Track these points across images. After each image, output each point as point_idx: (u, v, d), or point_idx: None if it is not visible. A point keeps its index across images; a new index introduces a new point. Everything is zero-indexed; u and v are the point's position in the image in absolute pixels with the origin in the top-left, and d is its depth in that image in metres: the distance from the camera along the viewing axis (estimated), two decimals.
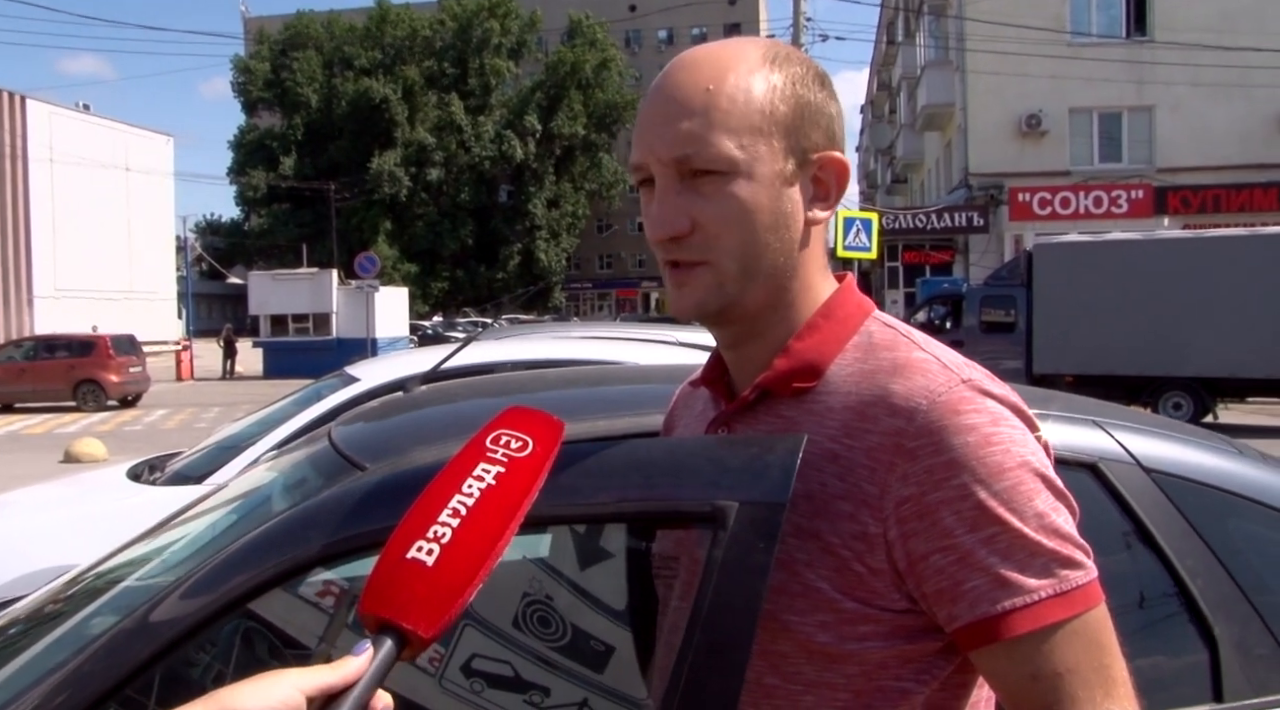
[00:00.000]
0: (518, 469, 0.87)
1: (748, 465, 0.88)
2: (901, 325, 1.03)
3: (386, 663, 0.78)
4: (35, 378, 21.74)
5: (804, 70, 1.00)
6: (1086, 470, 1.67)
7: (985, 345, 16.21)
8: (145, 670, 1.23)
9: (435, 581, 0.79)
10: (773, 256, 0.98)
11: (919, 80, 29.72)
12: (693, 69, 0.98)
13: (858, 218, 16.90)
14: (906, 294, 26.52)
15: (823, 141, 1.00)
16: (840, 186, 1.02)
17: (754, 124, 0.95)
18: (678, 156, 0.95)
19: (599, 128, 61.11)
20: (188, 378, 29.78)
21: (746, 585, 0.81)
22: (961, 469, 0.88)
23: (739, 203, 0.95)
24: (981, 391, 0.93)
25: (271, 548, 1.09)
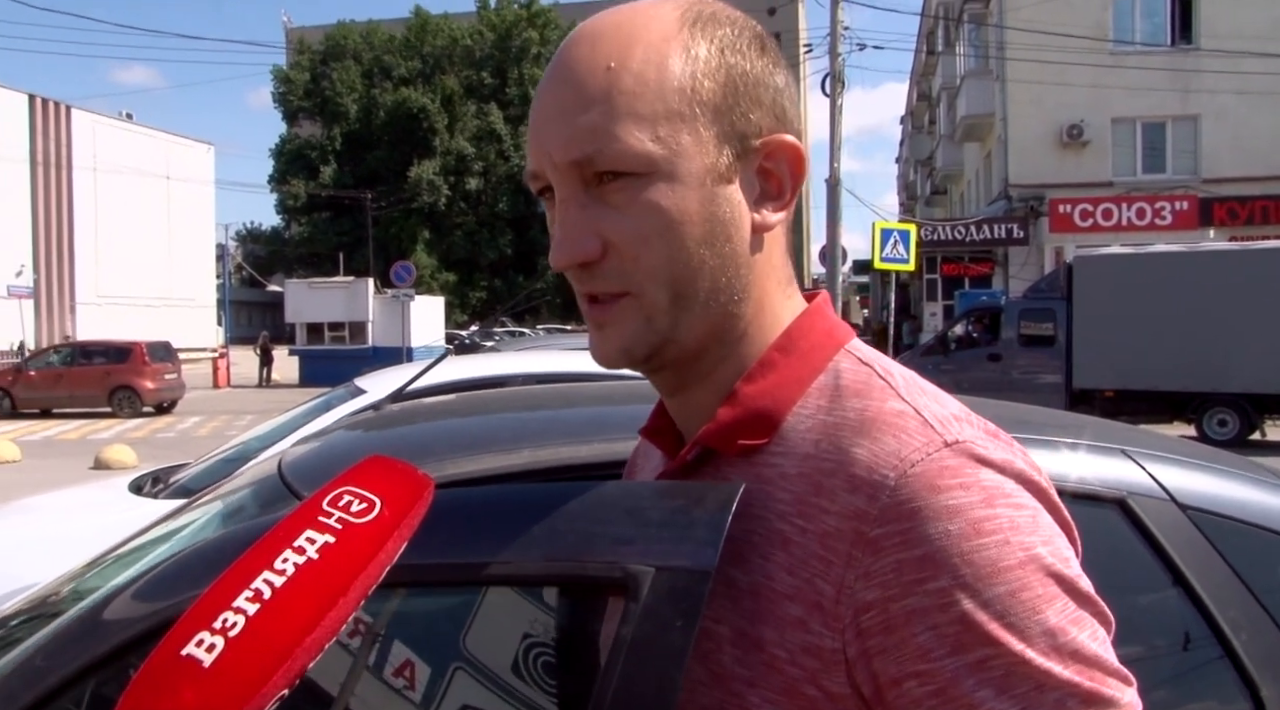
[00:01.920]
0: (353, 539, 0.66)
1: (670, 520, 0.71)
2: (881, 362, 0.79)
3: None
4: (72, 383, 21.98)
5: (735, 32, 0.76)
6: (1113, 506, 1.50)
7: (1024, 359, 15.93)
8: (88, 675, 1.11)
9: (208, 688, 0.59)
10: (711, 276, 0.75)
11: (958, 90, 29.38)
12: (592, 43, 0.74)
13: (896, 229, 16.73)
14: (945, 307, 26.17)
15: (767, 123, 0.76)
16: (795, 178, 0.78)
17: (672, 108, 0.73)
18: (577, 158, 0.73)
19: None
20: (224, 385, 30.02)
21: (658, 672, 0.64)
22: (940, 568, 0.65)
23: (660, 212, 0.73)
24: (973, 458, 0.69)
25: (149, 598, 0.95)
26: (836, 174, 18.14)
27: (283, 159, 60.00)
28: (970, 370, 16.18)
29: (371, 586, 0.66)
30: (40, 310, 39.13)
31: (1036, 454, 1.55)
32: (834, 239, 18.15)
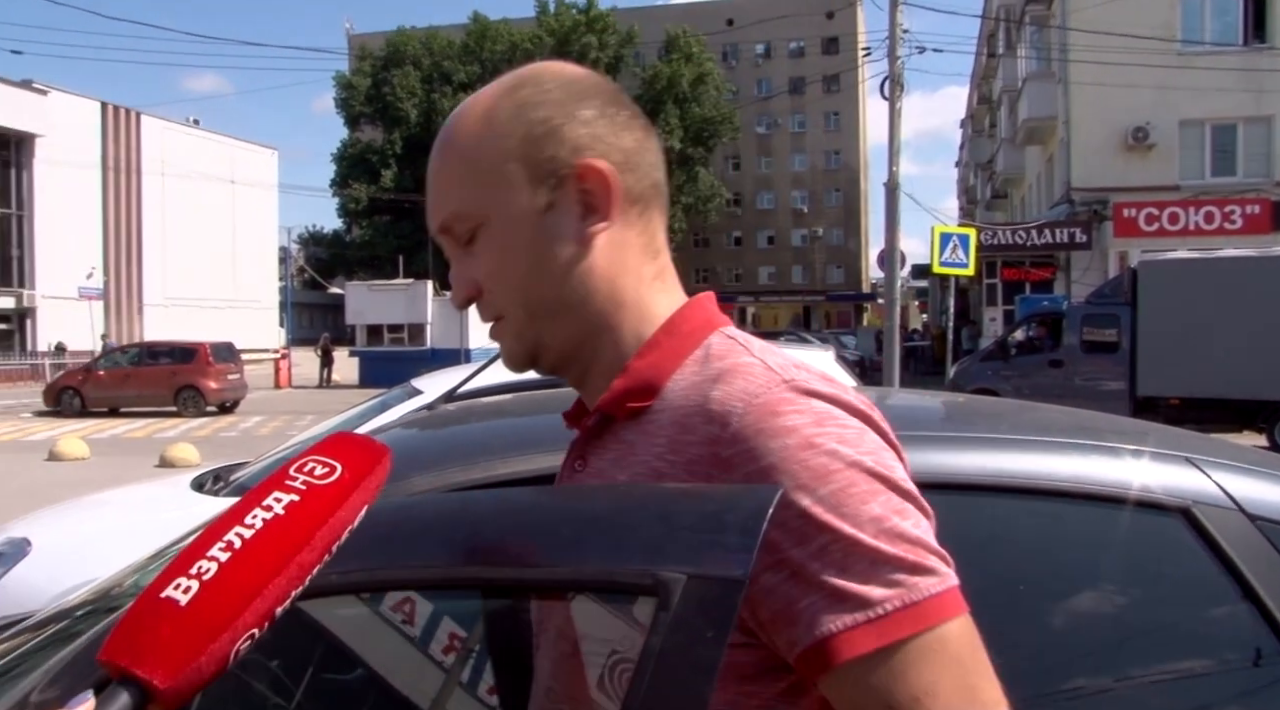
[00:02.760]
0: (315, 497, 0.73)
1: (701, 525, 0.70)
2: (743, 335, 0.95)
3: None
4: (139, 383, 22.49)
5: (536, 90, 0.93)
6: (1178, 515, 1.46)
7: (1086, 366, 15.62)
8: None
9: (184, 623, 0.65)
10: (553, 290, 0.92)
11: (1020, 93, 28.93)
12: (444, 131, 0.96)
13: (955, 233, 16.50)
14: (1005, 311, 25.77)
15: (569, 155, 0.91)
16: (608, 192, 0.92)
17: (485, 169, 0.91)
18: (439, 227, 0.95)
19: (695, 142, 61.00)
20: (286, 385, 30.51)
21: (687, 685, 0.63)
22: (781, 474, 0.78)
23: (500, 252, 0.92)
24: (806, 392, 0.84)
25: None
26: (895, 178, 17.95)
27: (344, 163, 60.89)
28: (1031, 376, 15.92)
29: (334, 539, 0.73)
30: (110, 312, 40.09)
31: (1097, 460, 1.52)
32: (892, 243, 17.96)
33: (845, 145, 78.47)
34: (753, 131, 75.86)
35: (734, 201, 75.38)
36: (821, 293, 76.29)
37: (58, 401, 22.47)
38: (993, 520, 1.52)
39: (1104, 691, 1.49)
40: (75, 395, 22.42)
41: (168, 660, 0.65)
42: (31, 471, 12.84)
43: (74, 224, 38.43)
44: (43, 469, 13.25)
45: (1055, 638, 1.52)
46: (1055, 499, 1.48)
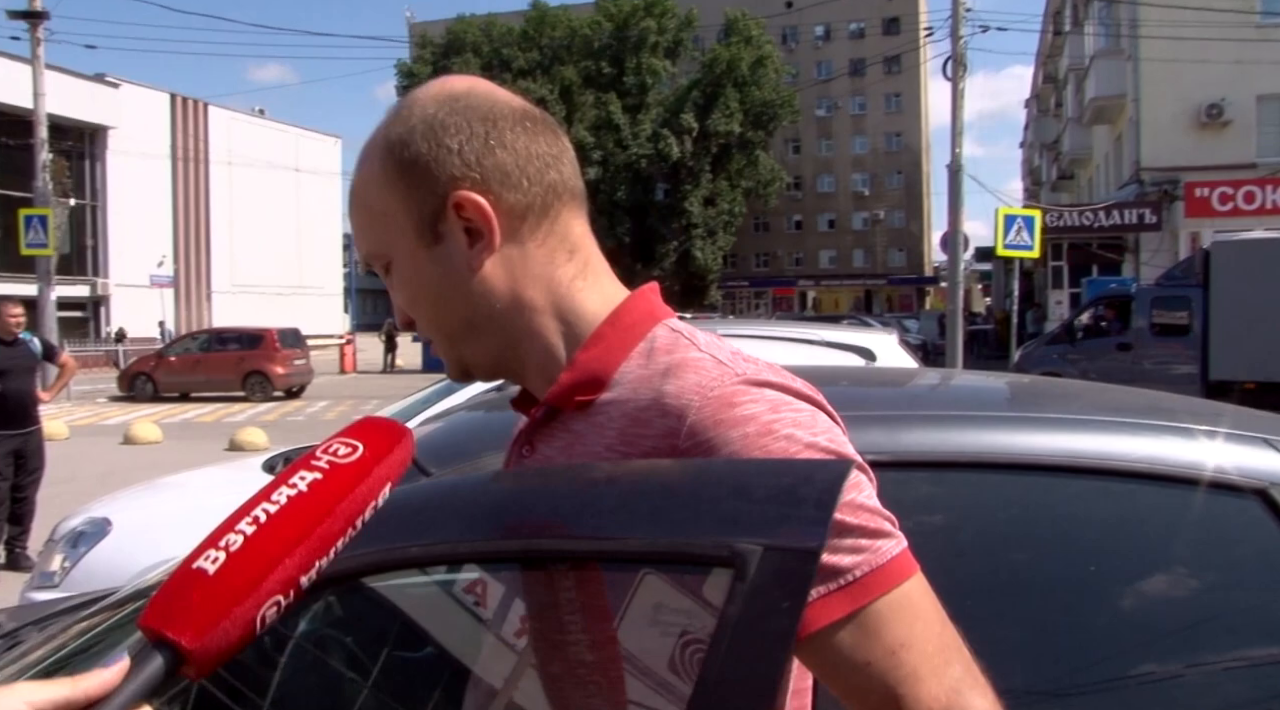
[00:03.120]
0: (337, 474, 0.79)
1: (777, 498, 0.72)
2: (688, 329, 0.99)
3: (155, 678, 0.70)
4: (208, 369, 22.99)
5: (405, 128, 0.97)
6: (1254, 497, 1.43)
7: (1156, 349, 15.29)
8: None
9: (212, 590, 0.72)
10: (455, 316, 0.98)
11: (1087, 71, 28.27)
12: (352, 180, 1.02)
13: (1020, 215, 16.21)
14: (1071, 294, 25.28)
15: (442, 190, 0.95)
16: (486, 219, 0.95)
17: (376, 213, 0.98)
18: (364, 262, 1.04)
19: (755, 125, 60.56)
20: (350, 370, 30.98)
21: (764, 652, 0.64)
22: (723, 452, 0.84)
23: (405, 284, 0.99)
24: (758, 383, 0.88)
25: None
26: (958, 160, 17.68)
27: None
28: (1098, 360, 15.62)
29: (357, 513, 0.79)
30: (179, 299, 41.00)
31: (1170, 441, 1.50)
32: (955, 226, 17.72)
33: (907, 127, 77.38)
34: (813, 114, 75.10)
35: (794, 185, 74.75)
36: (883, 276, 75.45)
37: (131, 387, 23.06)
38: (1065, 501, 1.51)
39: (1175, 677, 1.47)
40: (148, 381, 22.99)
41: (196, 623, 0.71)
42: (108, 455, 13.22)
43: (145, 213, 39.30)
44: (118, 452, 13.63)
45: (1126, 621, 1.51)
46: (1129, 480, 1.47)
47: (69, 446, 13.39)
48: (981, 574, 1.46)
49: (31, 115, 18.64)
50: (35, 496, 7.39)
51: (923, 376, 2.50)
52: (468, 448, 1.40)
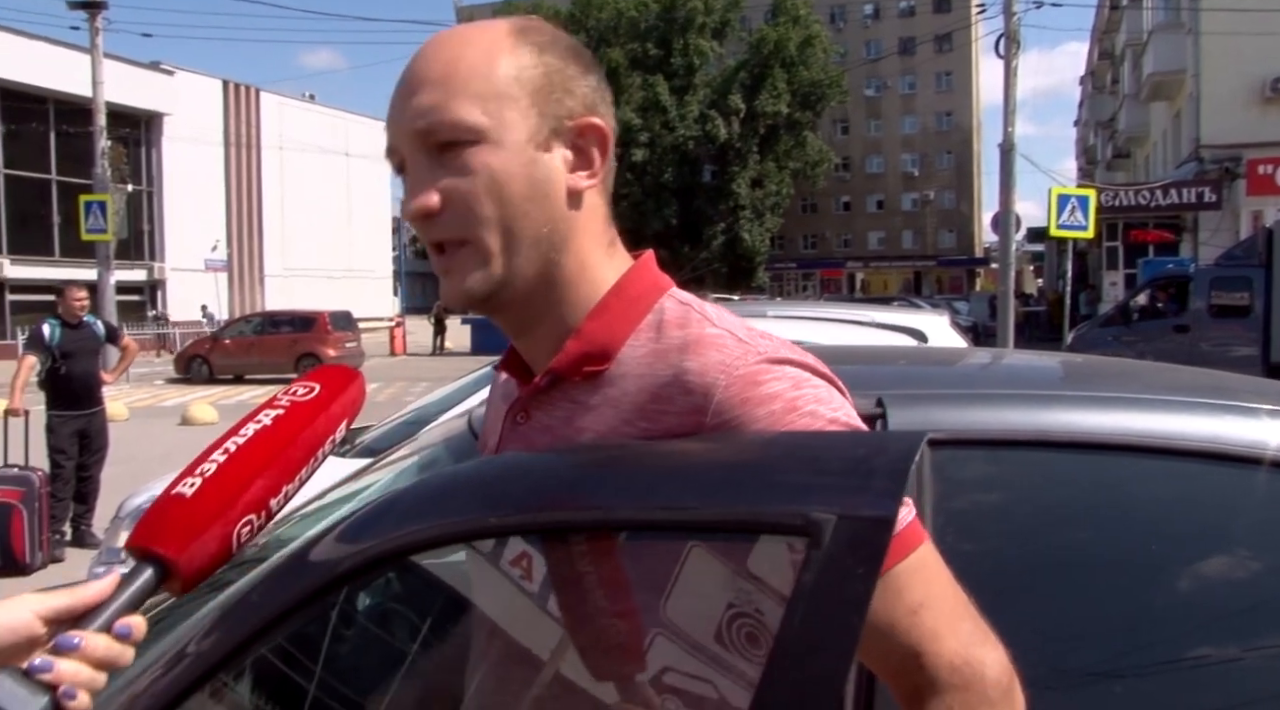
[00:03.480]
0: (296, 411, 0.91)
1: (851, 469, 0.74)
2: (696, 301, 0.99)
3: (144, 589, 0.81)
4: (262, 351, 23.37)
5: (552, 40, 0.97)
6: None
7: (1215, 331, 15.00)
8: (292, 616, 1.19)
9: (190, 510, 0.83)
10: (534, 226, 0.93)
11: (1145, 46, 27.67)
12: (436, 46, 0.95)
13: (1074, 195, 15.94)
14: (1126, 276, 24.84)
15: (579, 109, 0.96)
16: (603, 153, 0.97)
17: (498, 90, 0.92)
18: (420, 128, 0.92)
19: (803, 106, 60.07)
20: (400, 352, 31.32)
21: (839, 618, 0.67)
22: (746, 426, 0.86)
23: (489, 172, 0.91)
24: (779, 360, 0.90)
25: (350, 540, 1.01)
26: (1010, 138, 17.42)
27: None
28: (1154, 342, 15.36)
29: (317, 444, 0.91)
30: (232, 283, 41.65)
31: (1233, 421, 1.48)
32: (1007, 206, 17.48)
33: (958, 106, 76.29)
34: (861, 94, 74.30)
35: (842, 166, 74.09)
36: (932, 257, 74.62)
37: (187, 369, 23.52)
38: (1125, 480, 1.50)
39: (1234, 660, 1.46)
40: (203, 363, 23.43)
41: (178, 539, 0.82)
42: (166, 435, 13.51)
43: (199, 198, 39.92)
44: (176, 433, 13.93)
45: (1185, 602, 1.50)
46: (1190, 459, 1.46)
47: (128, 427, 13.70)
48: (1040, 553, 1.46)
49: (90, 103, 18.99)
50: (100, 475, 7.58)
51: (978, 356, 2.49)
52: None
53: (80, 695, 0.75)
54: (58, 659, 0.76)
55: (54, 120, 34.12)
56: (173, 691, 1.13)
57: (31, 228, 34.22)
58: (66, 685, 0.75)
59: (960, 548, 1.24)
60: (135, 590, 0.81)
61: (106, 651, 0.78)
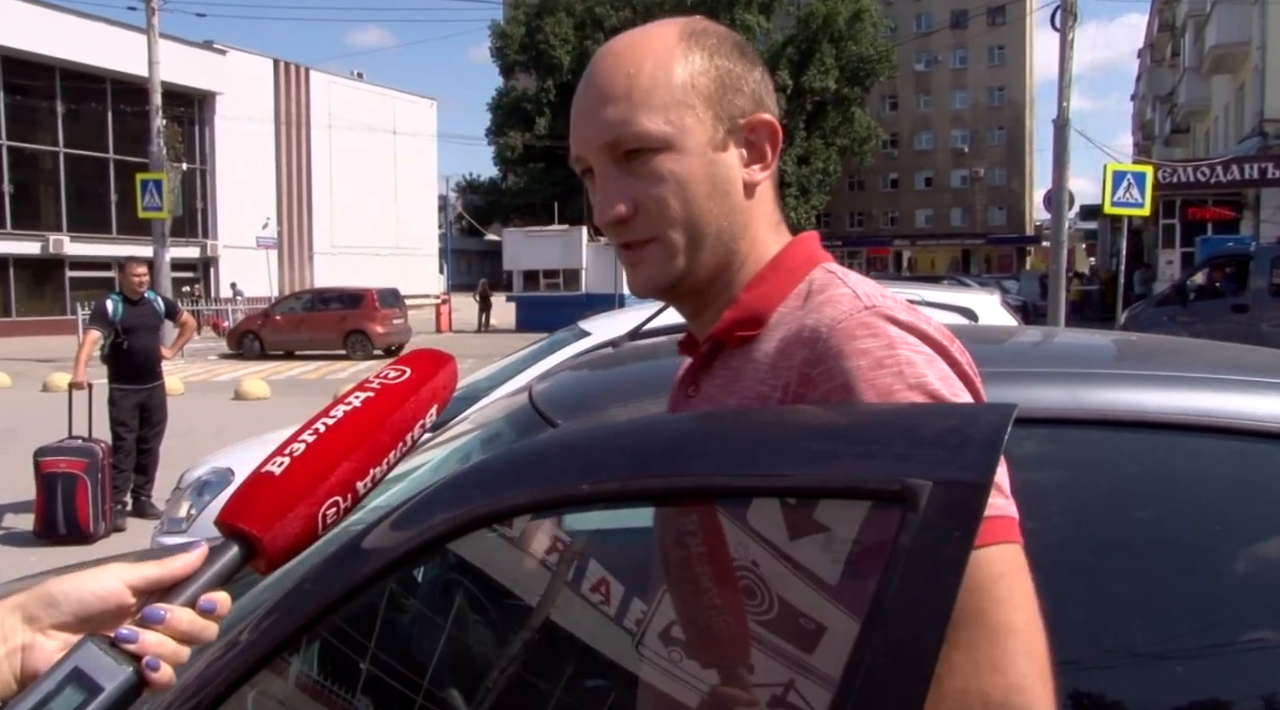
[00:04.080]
0: (386, 393, 0.92)
1: (944, 438, 0.77)
2: (843, 270, 1.03)
3: (230, 565, 0.83)
4: (311, 327, 23.68)
5: (719, 41, 1.02)
6: None
7: (1275, 311, 14.70)
8: (351, 598, 1.23)
9: (278, 489, 0.85)
10: (717, 221, 1.00)
11: (1209, 17, 27.02)
12: (615, 58, 1.01)
13: (1130, 171, 15.64)
14: (1183, 254, 24.37)
15: (749, 106, 1.02)
16: (774, 145, 1.04)
17: (677, 99, 0.98)
18: (609, 141, 0.99)
19: (851, 82, 59.42)
20: (446, 329, 31.58)
21: (937, 579, 0.70)
22: (851, 391, 0.88)
23: (674, 176, 0.98)
24: (885, 318, 0.92)
25: (442, 503, 1.05)
26: (1065, 113, 17.12)
27: (500, 112, 61.88)
28: (1211, 322, 15.08)
29: (406, 427, 0.92)
30: (282, 260, 42.20)
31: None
32: (1060, 183, 17.20)
33: (1010, 80, 75.03)
34: (911, 69, 73.28)
35: (891, 142, 73.27)
36: (981, 236, 73.66)
37: (239, 345, 23.90)
38: (1190, 459, 1.50)
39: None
40: (255, 339, 23.79)
41: (265, 517, 0.83)
42: (221, 410, 13.77)
43: (250, 177, 40.45)
44: (230, 407, 14.18)
45: (1249, 583, 1.49)
46: (1257, 439, 1.45)
47: (184, 402, 13.97)
48: (1099, 533, 1.47)
49: (146, 83, 19.29)
50: (159, 448, 7.76)
51: (1034, 334, 2.48)
52: (593, 401, 1.45)
53: (163, 667, 0.76)
54: (143, 630, 0.77)
55: (111, 100, 34.71)
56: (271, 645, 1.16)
57: (90, 206, 34.92)
58: (150, 656, 0.76)
59: (1023, 525, 1.25)
60: (221, 566, 0.82)
61: (190, 626, 0.79)
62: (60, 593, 0.78)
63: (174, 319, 8.01)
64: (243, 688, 1.25)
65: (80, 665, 0.74)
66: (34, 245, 32.82)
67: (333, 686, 1.51)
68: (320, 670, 1.53)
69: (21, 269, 32.98)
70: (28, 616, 0.77)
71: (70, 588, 0.78)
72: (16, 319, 32.07)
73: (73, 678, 0.73)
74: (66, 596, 0.78)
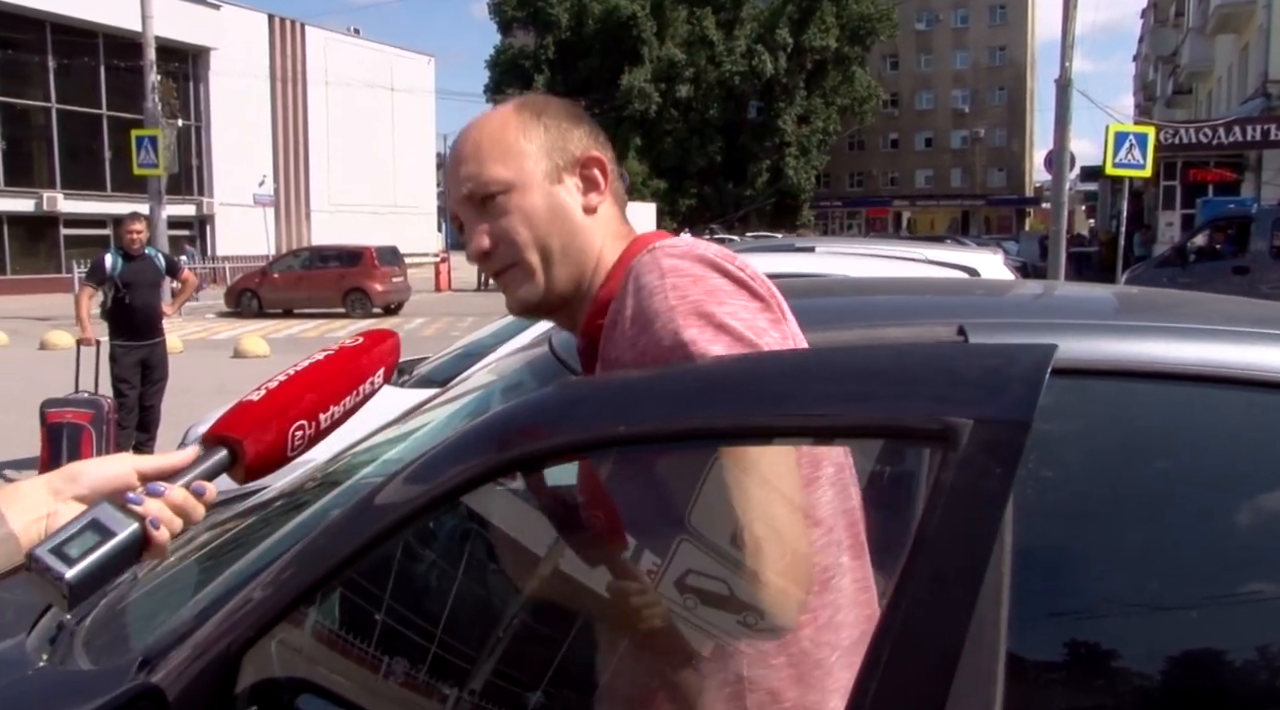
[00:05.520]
0: (343, 351, 1.21)
1: (985, 378, 0.77)
2: (663, 239, 1.22)
3: (216, 465, 1.06)
4: (310, 286, 23.61)
5: (546, 104, 1.29)
6: None
7: (1276, 273, 14.68)
8: (366, 552, 1.25)
9: (256, 410, 1.10)
10: (561, 239, 1.21)
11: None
12: (464, 133, 1.27)
13: (1132, 132, 15.55)
14: (1184, 216, 24.30)
15: (578, 148, 1.26)
16: (605, 175, 1.26)
17: (514, 150, 1.22)
18: (466, 193, 1.23)
19: (852, 40, 58.91)
20: (446, 289, 31.50)
21: (979, 514, 0.70)
22: (629, 319, 1.09)
23: (520, 208, 1.21)
24: (666, 255, 1.13)
25: (473, 447, 1.06)
26: (1067, 74, 16.96)
27: (498, 69, 61.38)
28: (1212, 284, 15.04)
29: (357, 380, 1.19)
30: (279, 218, 41.97)
31: None
32: (1062, 144, 17.09)
33: (1012, 40, 74.38)
34: (912, 28, 72.65)
35: (891, 102, 72.76)
36: (981, 197, 73.41)
37: (238, 303, 23.85)
38: (1210, 412, 1.49)
39: None
40: (253, 297, 23.73)
41: (245, 427, 1.07)
42: (221, 368, 13.76)
43: (246, 134, 40.09)
44: (230, 365, 14.18)
45: (1270, 534, 1.49)
46: (1275, 391, 1.44)
47: (184, 360, 13.95)
48: (1123, 484, 1.46)
49: (140, 38, 19.06)
50: (160, 405, 7.76)
51: (1057, 287, 2.47)
52: None
53: (162, 528, 0.98)
54: (147, 497, 0.99)
55: (104, 55, 34.33)
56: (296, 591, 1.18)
57: (83, 163, 34.63)
58: (153, 517, 0.98)
59: (1041, 475, 1.25)
60: (209, 464, 1.05)
61: (184, 501, 1.01)
62: (82, 471, 0.99)
63: (175, 276, 7.97)
64: (263, 639, 1.26)
65: (97, 517, 0.95)
66: (28, 202, 32.59)
67: (348, 636, 1.52)
68: (336, 620, 1.54)
69: (15, 226, 32.78)
70: (53, 489, 0.98)
71: (91, 468, 1.00)
72: (12, 276, 31.93)
73: (91, 525, 0.95)
74: (86, 473, 0.99)
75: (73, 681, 1.41)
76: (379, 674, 1.37)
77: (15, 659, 1.51)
